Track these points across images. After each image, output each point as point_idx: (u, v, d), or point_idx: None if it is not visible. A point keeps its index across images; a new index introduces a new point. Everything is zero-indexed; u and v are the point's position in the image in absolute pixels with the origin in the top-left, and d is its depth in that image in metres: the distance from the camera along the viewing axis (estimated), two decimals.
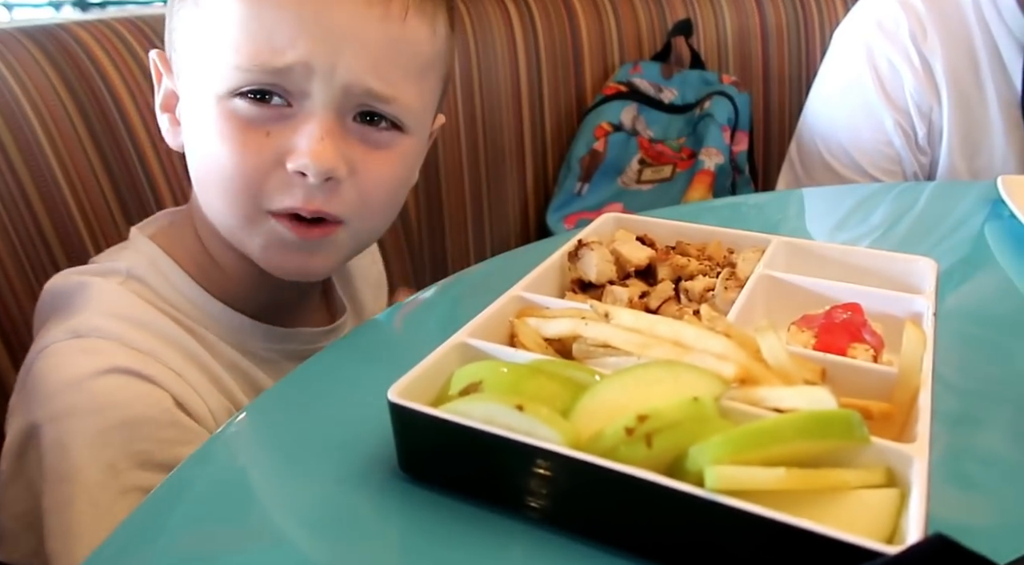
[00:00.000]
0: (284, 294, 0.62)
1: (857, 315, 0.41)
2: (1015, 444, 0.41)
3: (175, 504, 0.36)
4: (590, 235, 0.53)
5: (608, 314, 0.39)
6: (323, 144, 0.49)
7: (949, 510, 0.34)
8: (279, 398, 0.44)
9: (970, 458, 0.40)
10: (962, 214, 0.74)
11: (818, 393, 0.31)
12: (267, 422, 0.42)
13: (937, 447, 0.37)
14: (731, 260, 0.51)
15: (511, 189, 1.20)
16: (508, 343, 0.42)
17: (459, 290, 0.60)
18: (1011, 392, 0.45)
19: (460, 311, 0.42)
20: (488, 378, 0.35)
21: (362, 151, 0.52)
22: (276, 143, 0.50)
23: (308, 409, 0.43)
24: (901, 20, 0.89)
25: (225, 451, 0.40)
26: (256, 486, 0.38)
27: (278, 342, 0.61)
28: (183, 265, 0.58)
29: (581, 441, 0.31)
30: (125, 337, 0.52)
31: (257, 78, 0.49)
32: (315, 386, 0.45)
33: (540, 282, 0.47)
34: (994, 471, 0.39)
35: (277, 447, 0.40)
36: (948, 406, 0.42)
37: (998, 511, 0.36)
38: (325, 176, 0.50)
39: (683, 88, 1.25)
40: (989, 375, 0.47)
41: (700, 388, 0.33)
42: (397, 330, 0.55)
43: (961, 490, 0.37)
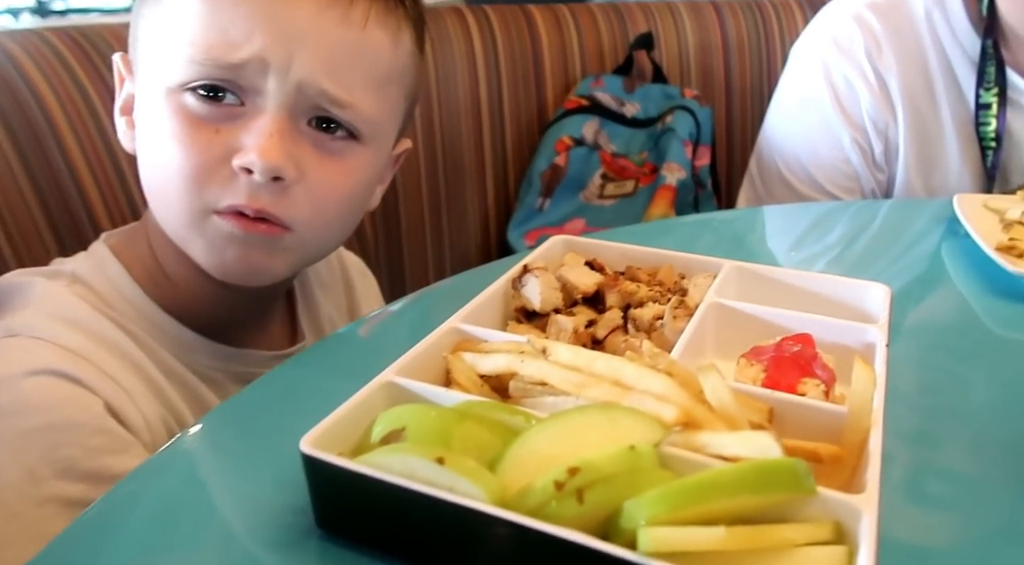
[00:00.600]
0: (237, 311, 0.59)
1: (808, 347, 0.39)
2: (972, 461, 0.41)
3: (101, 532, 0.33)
4: (537, 259, 0.51)
5: (546, 350, 0.37)
6: (271, 141, 0.48)
7: (909, 528, 0.35)
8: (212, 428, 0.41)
9: (929, 475, 0.40)
10: (920, 233, 0.74)
11: (762, 440, 0.29)
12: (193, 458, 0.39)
13: (897, 464, 0.38)
14: (682, 286, 0.49)
15: (471, 205, 1.17)
16: (443, 379, 0.39)
17: (423, 307, 0.57)
18: (967, 408, 0.46)
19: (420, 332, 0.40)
20: (412, 424, 0.32)
21: (314, 156, 0.51)
22: (224, 140, 0.49)
23: (230, 446, 0.40)
24: (857, 37, 0.89)
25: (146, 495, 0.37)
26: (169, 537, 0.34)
27: (223, 361, 0.58)
28: (133, 272, 0.57)
29: (508, 496, 0.29)
30: (59, 337, 0.50)
31: (210, 72, 0.48)
32: (245, 418, 0.42)
33: (481, 311, 0.45)
34: (952, 488, 0.39)
35: (183, 505, 0.36)
36: (906, 424, 0.42)
37: (957, 528, 0.36)
38: (272, 174, 0.49)
39: (645, 102, 1.24)
40: (946, 392, 0.48)
41: (638, 434, 0.30)
42: (351, 352, 0.52)
43: (920, 507, 0.37)
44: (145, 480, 0.38)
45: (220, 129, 0.49)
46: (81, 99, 0.76)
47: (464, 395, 0.36)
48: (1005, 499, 0.38)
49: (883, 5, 0.89)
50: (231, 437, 0.42)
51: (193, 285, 0.56)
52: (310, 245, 0.55)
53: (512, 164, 1.19)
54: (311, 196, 0.51)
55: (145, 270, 0.57)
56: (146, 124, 0.52)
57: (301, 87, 0.49)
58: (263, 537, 0.33)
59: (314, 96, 0.50)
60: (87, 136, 0.76)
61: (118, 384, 0.50)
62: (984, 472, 0.40)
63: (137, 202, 0.79)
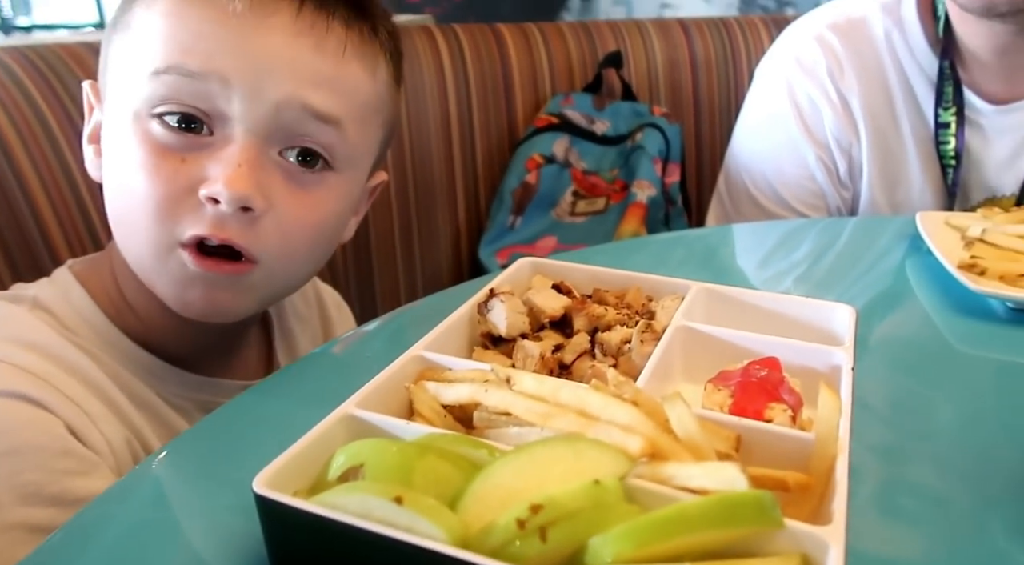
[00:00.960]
0: (205, 342, 0.58)
1: (775, 372, 0.38)
2: (940, 476, 0.41)
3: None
4: (504, 282, 0.50)
5: (510, 379, 0.36)
6: (240, 171, 0.47)
7: (877, 541, 0.35)
8: (178, 454, 0.40)
9: (899, 490, 0.40)
10: (884, 250, 0.75)
11: (728, 471, 0.29)
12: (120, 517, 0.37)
13: (868, 480, 0.38)
14: (650, 308, 0.49)
15: (442, 223, 1.17)
16: (407, 410, 0.38)
17: (392, 330, 0.57)
18: (933, 423, 0.47)
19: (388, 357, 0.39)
20: (371, 460, 0.31)
21: (284, 187, 0.50)
22: (191, 170, 0.48)
23: (196, 473, 0.39)
24: (819, 58, 0.90)
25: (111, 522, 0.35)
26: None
27: (191, 390, 0.57)
28: (97, 300, 0.55)
29: (469, 536, 0.28)
30: (18, 359, 0.48)
31: (172, 89, 0.47)
32: (211, 446, 0.41)
33: (446, 337, 0.44)
34: (922, 502, 0.39)
35: (133, 549, 0.35)
36: (875, 437, 0.43)
37: (926, 541, 0.37)
38: (239, 204, 0.47)
39: (615, 119, 1.25)
40: (912, 407, 0.48)
41: (603, 467, 0.30)
42: (318, 379, 0.51)
43: (888, 519, 0.38)
44: (110, 506, 0.37)
45: (187, 158, 0.48)
46: (37, 121, 0.74)
47: (427, 427, 0.35)
48: (970, 512, 0.38)
49: (844, 26, 0.91)
50: (197, 464, 0.41)
51: (157, 317, 0.54)
52: (278, 279, 0.53)
53: (483, 182, 1.19)
54: (280, 228, 0.50)
55: (109, 299, 0.55)
56: (112, 152, 0.51)
57: (280, 107, 0.48)
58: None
59: (295, 116, 0.49)
60: (43, 160, 0.74)
61: (80, 407, 0.48)
62: (950, 485, 0.40)
63: (98, 230, 0.77)
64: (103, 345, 0.54)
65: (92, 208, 0.76)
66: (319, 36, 0.50)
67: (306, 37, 0.49)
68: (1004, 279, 0.58)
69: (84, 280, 0.56)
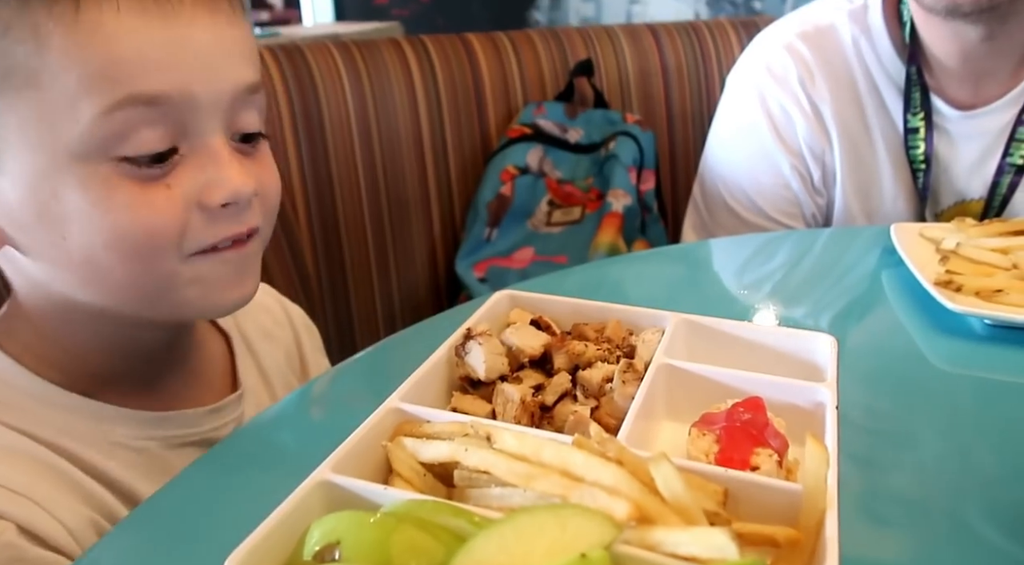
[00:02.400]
0: (162, 367, 0.56)
1: (759, 414, 0.38)
2: (918, 483, 0.43)
3: None
4: (481, 320, 0.49)
5: (490, 436, 0.35)
6: (234, 168, 0.48)
7: (863, 548, 0.37)
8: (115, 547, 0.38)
9: (878, 498, 0.42)
10: (860, 261, 0.75)
11: (718, 538, 0.28)
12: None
13: (849, 488, 0.38)
14: (630, 342, 0.48)
15: (417, 238, 1.15)
16: (385, 469, 0.37)
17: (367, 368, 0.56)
18: (911, 433, 0.48)
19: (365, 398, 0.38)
20: (347, 537, 0.30)
21: (252, 164, 0.51)
22: (183, 190, 0.47)
23: (153, 556, 0.37)
24: (790, 66, 0.90)
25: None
26: None
27: (150, 428, 0.54)
28: (23, 361, 0.51)
29: None
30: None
31: (131, 124, 0.44)
32: (161, 531, 0.39)
33: (423, 385, 0.43)
34: (901, 510, 0.41)
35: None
36: (856, 448, 0.45)
37: (906, 547, 0.39)
38: (250, 197, 0.49)
39: (588, 128, 1.24)
40: (891, 418, 0.50)
41: (590, 537, 0.29)
42: (294, 428, 0.49)
43: (872, 528, 0.39)
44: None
45: (170, 183, 0.46)
46: None
47: (405, 493, 0.33)
48: (944, 520, 0.40)
49: (813, 34, 0.91)
50: (159, 540, 0.39)
51: (102, 357, 0.52)
52: (264, 245, 0.55)
53: (457, 196, 1.18)
54: (266, 200, 0.52)
55: (35, 356, 0.51)
56: (53, 213, 0.45)
57: (234, 97, 0.48)
58: None
59: (242, 98, 0.48)
60: None
61: (28, 497, 0.45)
62: (926, 495, 0.42)
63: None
64: (41, 413, 0.50)
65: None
66: (226, 6, 0.48)
67: (217, 11, 0.47)
68: (980, 295, 0.58)
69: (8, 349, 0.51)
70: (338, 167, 1.07)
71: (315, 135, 1.04)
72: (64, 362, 0.52)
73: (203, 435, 0.56)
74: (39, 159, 0.45)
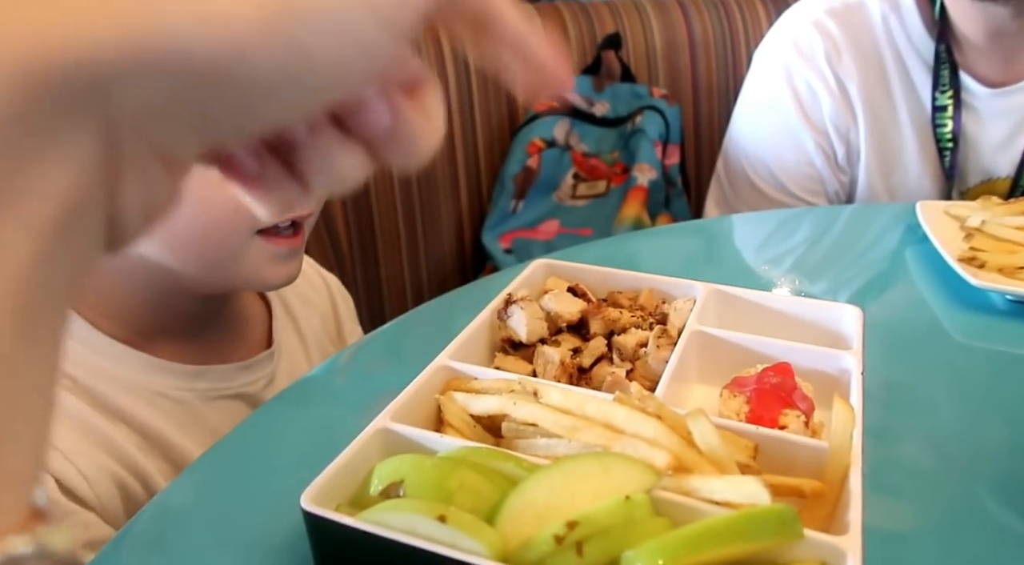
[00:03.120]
0: (194, 326, 0.59)
1: (787, 378, 0.40)
2: (932, 455, 0.44)
3: None
4: (520, 286, 0.52)
5: (537, 392, 0.38)
6: None
7: (877, 517, 0.37)
8: (190, 485, 0.41)
9: (893, 468, 0.43)
10: (884, 237, 0.76)
11: (751, 485, 0.30)
12: (175, 517, 0.39)
13: (864, 456, 0.40)
14: (663, 310, 0.50)
15: (445, 210, 1.17)
16: (436, 419, 0.40)
17: (403, 333, 0.58)
18: (929, 406, 0.49)
19: (407, 360, 0.41)
20: (410, 476, 0.33)
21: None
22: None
23: (221, 501, 0.40)
24: (817, 43, 0.90)
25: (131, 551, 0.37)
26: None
27: (189, 381, 0.57)
28: (78, 309, 0.54)
29: (508, 550, 0.29)
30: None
31: None
32: (230, 471, 0.42)
33: (469, 345, 0.46)
34: (915, 480, 0.42)
35: (181, 559, 0.36)
36: (873, 419, 0.45)
37: (920, 516, 0.40)
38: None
39: (615, 101, 1.25)
40: (908, 390, 0.51)
41: (632, 482, 0.31)
42: (331, 391, 0.52)
43: (886, 498, 0.40)
44: (156, 523, 0.38)
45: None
46: None
47: (458, 440, 0.36)
48: (960, 493, 0.41)
49: (841, 11, 0.91)
50: (232, 477, 0.42)
51: (153, 310, 0.56)
52: (311, 227, 0.58)
53: (484, 168, 1.19)
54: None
55: (91, 306, 0.54)
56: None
57: None
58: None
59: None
60: None
61: (58, 450, 0.47)
62: (943, 467, 0.43)
63: None
64: (87, 355, 0.52)
65: None
66: None
67: None
68: (1003, 271, 0.60)
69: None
70: None
71: None
72: (118, 316, 0.55)
73: (236, 390, 0.59)
74: None
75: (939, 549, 0.37)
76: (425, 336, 0.50)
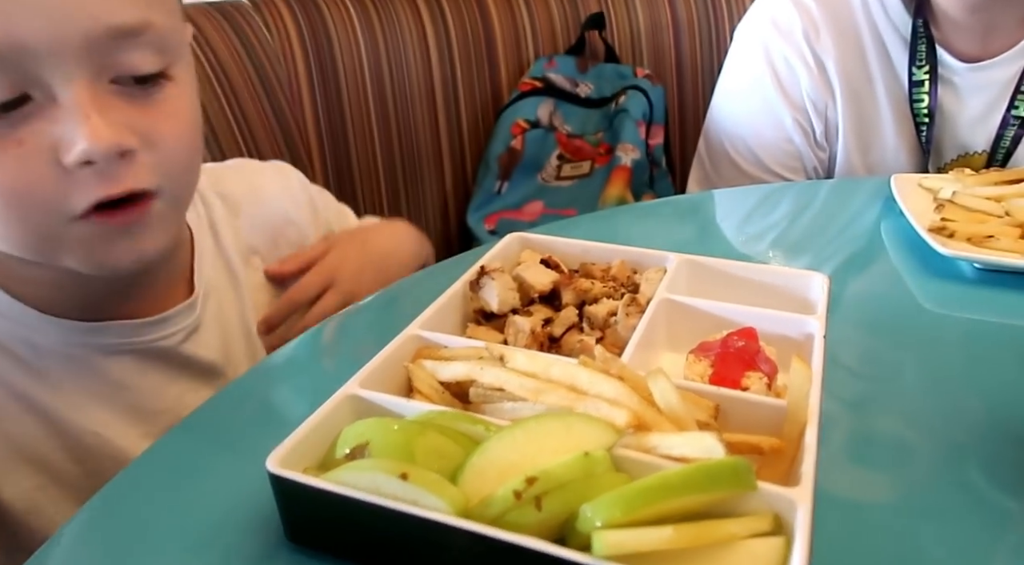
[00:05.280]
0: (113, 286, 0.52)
1: (752, 342, 0.41)
2: (907, 427, 0.44)
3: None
4: (494, 258, 0.52)
5: (503, 357, 0.38)
6: (93, 121, 0.42)
7: (847, 485, 0.38)
8: (161, 455, 0.42)
9: (867, 441, 0.43)
10: (859, 211, 0.77)
11: (707, 441, 0.31)
12: (139, 494, 0.40)
13: (838, 429, 0.41)
14: (634, 281, 0.51)
15: (429, 191, 1.17)
16: (406, 387, 0.41)
17: (381, 308, 0.58)
18: (903, 378, 0.49)
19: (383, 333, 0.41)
20: (375, 438, 0.33)
21: (140, 112, 0.45)
22: (38, 145, 0.42)
23: (188, 471, 0.41)
24: (795, 20, 0.91)
25: (93, 524, 0.38)
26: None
27: (82, 336, 0.52)
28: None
29: (470, 507, 0.30)
30: None
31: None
32: (196, 443, 0.43)
33: (440, 315, 0.46)
34: (889, 452, 0.42)
35: (153, 524, 0.37)
36: (847, 391, 0.46)
37: (892, 488, 0.40)
38: (114, 151, 0.43)
39: (598, 82, 1.25)
40: (883, 363, 0.51)
41: (593, 439, 0.32)
42: (303, 364, 0.53)
43: (857, 466, 0.41)
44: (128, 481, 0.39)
45: (23, 138, 0.42)
46: None
47: (426, 405, 0.37)
48: (933, 461, 0.41)
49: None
50: (208, 441, 0.43)
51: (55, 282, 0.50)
52: (179, 198, 0.50)
53: (469, 149, 1.19)
54: (161, 153, 0.46)
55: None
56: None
57: (89, 45, 0.42)
58: (237, 551, 0.34)
59: (106, 43, 0.43)
60: None
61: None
62: (916, 435, 0.43)
63: None
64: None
65: None
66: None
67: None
68: (972, 241, 0.61)
69: None
70: (352, 120, 1.09)
71: (330, 88, 1.06)
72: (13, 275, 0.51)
73: (146, 346, 0.55)
74: None
75: (913, 519, 0.37)
76: (401, 310, 0.50)
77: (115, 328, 0.54)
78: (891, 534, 0.36)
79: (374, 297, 0.60)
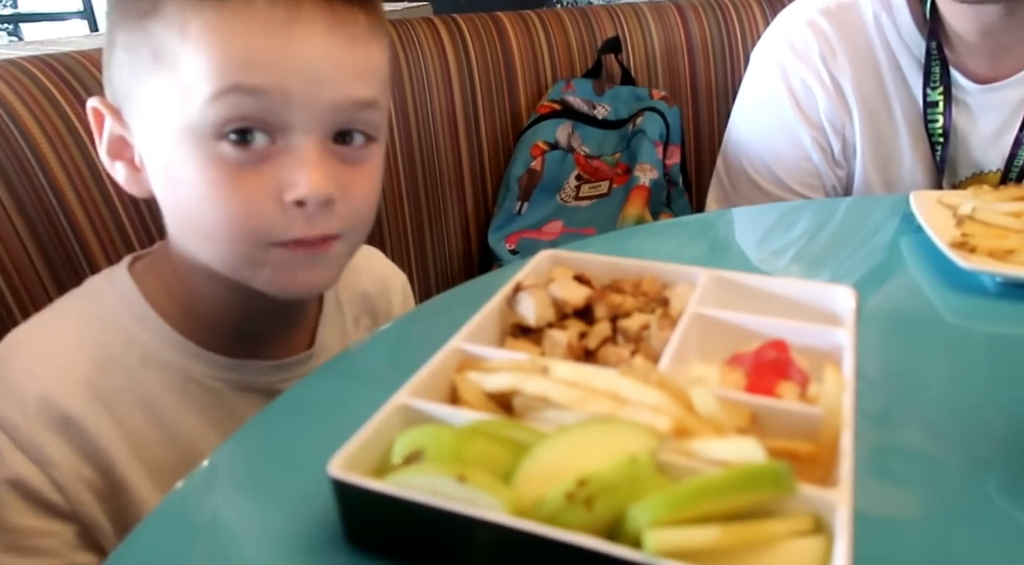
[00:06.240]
0: (259, 326, 0.62)
1: (783, 353, 0.42)
2: (931, 441, 0.45)
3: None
4: (528, 276, 0.54)
5: (546, 368, 0.40)
6: (317, 171, 0.52)
7: (874, 504, 0.38)
8: (217, 468, 0.44)
9: (892, 454, 0.44)
10: (879, 228, 0.78)
11: (747, 445, 0.33)
12: (205, 495, 0.41)
13: (861, 442, 0.40)
14: (664, 295, 0.52)
15: (452, 213, 1.20)
16: (450, 398, 0.42)
17: (415, 324, 0.60)
18: (926, 391, 0.50)
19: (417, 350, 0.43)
20: (430, 445, 0.35)
21: (344, 170, 0.54)
22: (267, 183, 0.51)
23: (249, 477, 0.42)
24: (811, 42, 0.93)
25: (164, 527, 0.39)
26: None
27: (224, 371, 0.60)
28: (143, 289, 0.59)
29: (523, 507, 0.32)
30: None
31: (235, 108, 0.50)
32: (255, 451, 0.45)
33: (480, 330, 0.48)
34: (913, 466, 0.43)
35: (215, 525, 0.39)
36: (871, 406, 0.46)
37: (918, 503, 0.40)
38: (324, 201, 0.52)
39: (615, 104, 1.28)
40: (906, 376, 0.52)
41: (637, 445, 0.34)
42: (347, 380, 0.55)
43: (884, 484, 0.41)
44: (190, 492, 0.41)
45: (261, 172, 0.51)
46: (67, 131, 0.76)
47: (473, 413, 0.39)
48: (959, 475, 0.42)
49: (835, 10, 0.94)
50: (264, 450, 0.45)
51: (217, 304, 0.59)
52: (354, 246, 0.59)
53: (490, 171, 1.22)
54: (351, 206, 0.55)
55: (156, 291, 0.59)
56: (170, 173, 0.54)
57: (335, 108, 0.52)
58: (295, 552, 0.36)
59: (347, 109, 0.53)
60: (74, 166, 0.77)
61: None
62: (940, 450, 0.44)
63: (131, 237, 0.80)
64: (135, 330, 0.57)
65: (124, 216, 0.79)
66: (349, 28, 0.53)
67: (338, 33, 0.52)
68: (993, 255, 0.62)
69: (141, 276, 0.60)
70: None
71: None
72: (181, 306, 0.59)
73: (268, 386, 0.62)
74: (164, 126, 0.52)
75: (937, 534, 0.37)
76: (434, 328, 0.52)
77: (251, 366, 0.61)
78: (914, 547, 0.36)
79: (407, 315, 0.62)
